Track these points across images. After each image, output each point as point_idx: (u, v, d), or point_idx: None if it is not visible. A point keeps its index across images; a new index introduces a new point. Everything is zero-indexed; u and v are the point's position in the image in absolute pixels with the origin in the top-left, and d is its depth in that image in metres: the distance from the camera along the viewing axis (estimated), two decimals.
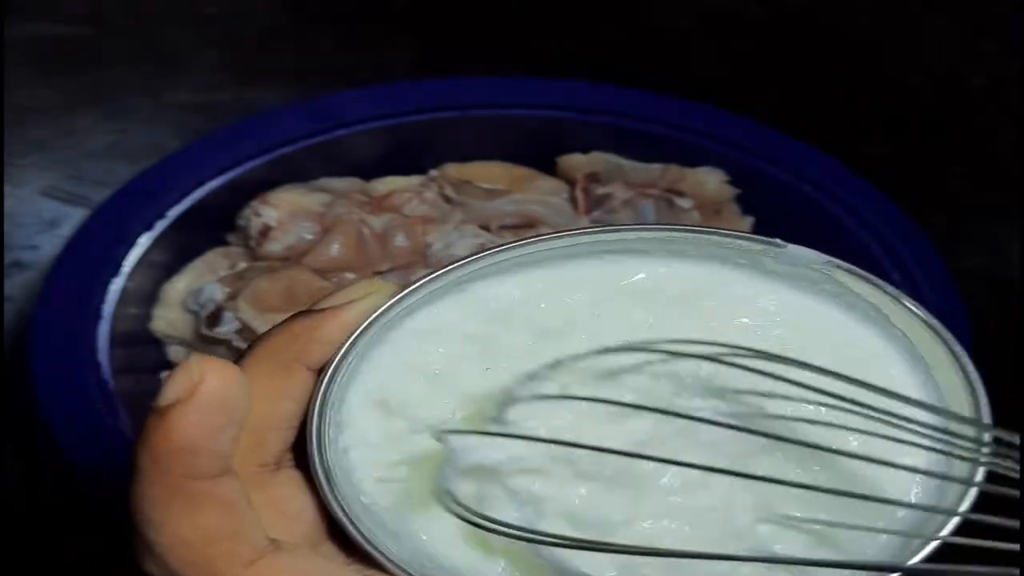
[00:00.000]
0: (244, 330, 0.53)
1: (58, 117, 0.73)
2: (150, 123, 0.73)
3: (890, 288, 0.30)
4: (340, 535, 0.26)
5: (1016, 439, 0.25)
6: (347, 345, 0.28)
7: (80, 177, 0.69)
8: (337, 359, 0.28)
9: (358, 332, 0.28)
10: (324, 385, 0.28)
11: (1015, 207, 0.68)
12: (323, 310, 0.29)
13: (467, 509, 0.26)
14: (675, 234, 0.31)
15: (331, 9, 0.85)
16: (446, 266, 0.30)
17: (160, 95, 0.75)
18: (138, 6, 0.83)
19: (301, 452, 0.27)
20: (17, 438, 0.53)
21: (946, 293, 0.56)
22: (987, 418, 0.27)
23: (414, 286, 0.29)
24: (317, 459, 0.27)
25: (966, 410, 0.28)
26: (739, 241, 0.31)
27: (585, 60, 0.80)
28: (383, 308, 0.29)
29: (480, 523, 0.25)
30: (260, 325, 0.52)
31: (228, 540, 0.24)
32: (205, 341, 0.54)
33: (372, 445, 0.28)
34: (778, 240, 0.31)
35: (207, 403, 0.25)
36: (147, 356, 0.55)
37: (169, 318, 0.56)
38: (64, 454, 0.46)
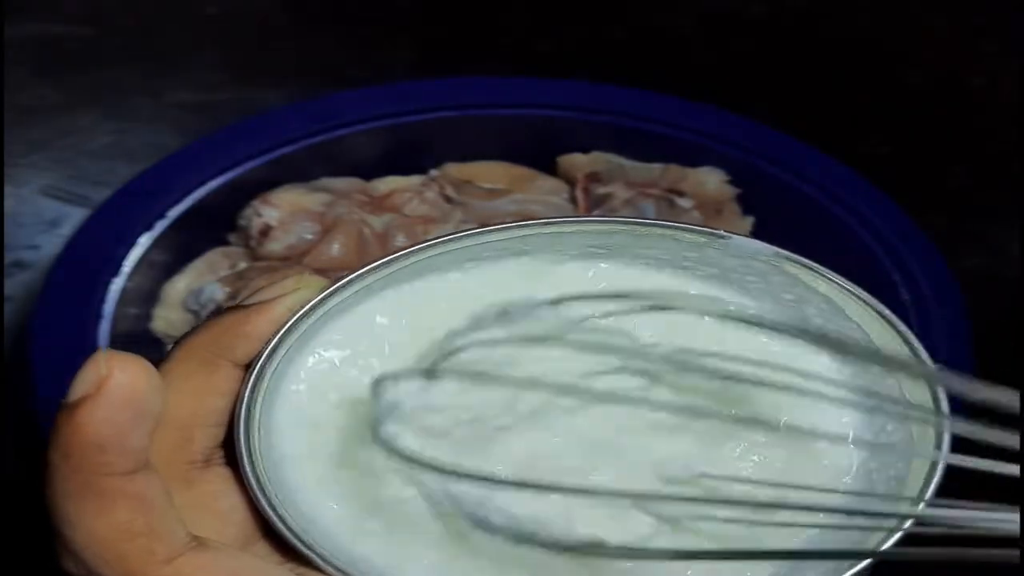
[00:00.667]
0: None
1: (58, 117, 0.73)
2: (150, 123, 0.73)
3: (841, 279, 0.30)
4: (274, 534, 0.26)
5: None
6: (274, 341, 0.28)
7: (80, 177, 0.69)
8: (264, 355, 0.28)
9: (286, 328, 0.28)
10: (251, 381, 0.27)
11: (1015, 207, 0.68)
12: (251, 305, 0.28)
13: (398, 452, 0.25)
14: (614, 227, 0.31)
15: (331, 9, 0.85)
16: (376, 261, 0.30)
17: (160, 95, 0.75)
18: (138, 6, 0.83)
19: (231, 448, 0.27)
20: (17, 438, 0.53)
21: (946, 293, 0.56)
22: (944, 407, 0.27)
23: (343, 281, 0.30)
24: (245, 457, 0.26)
25: (925, 399, 0.28)
26: (683, 233, 0.31)
27: (585, 60, 0.80)
28: (313, 303, 0.29)
29: (416, 460, 0.25)
30: None
31: (143, 537, 0.24)
32: None
33: (301, 444, 0.28)
34: (722, 231, 0.31)
35: (115, 399, 0.24)
36: (147, 356, 0.54)
37: (169, 318, 0.56)
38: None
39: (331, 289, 0.29)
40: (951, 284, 0.56)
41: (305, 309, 0.29)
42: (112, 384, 0.24)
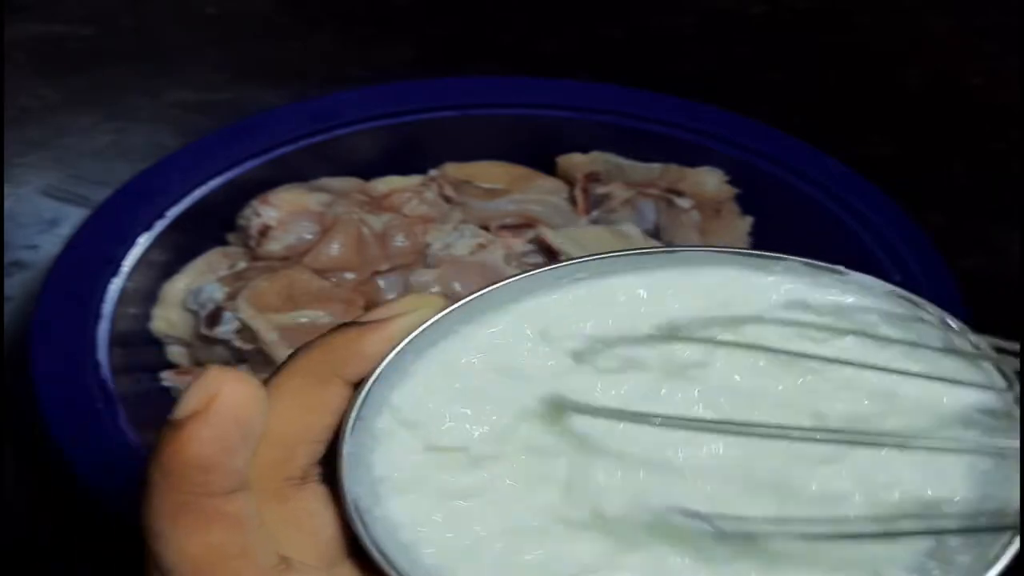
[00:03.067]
0: (244, 330, 0.53)
1: (58, 117, 0.73)
2: (150, 123, 0.73)
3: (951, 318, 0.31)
4: (361, 555, 0.26)
5: None
6: (387, 360, 0.27)
7: (80, 177, 0.69)
8: (375, 374, 0.27)
9: (401, 346, 0.28)
10: (360, 400, 0.27)
11: (1015, 207, 0.68)
12: (367, 323, 0.28)
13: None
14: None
15: (331, 9, 0.85)
16: (496, 282, 0.30)
17: (160, 95, 0.75)
18: (138, 6, 0.83)
19: (329, 466, 0.27)
20: (17, 438, 0.53)
21: (946, 293, 0.56)
22: None
23: (462, 302, 0.29)
24: (345, 476, 0.26)
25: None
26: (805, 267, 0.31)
27: (585, 60, 0.80)
28: (430, 322, 0.28)
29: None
30: (260, 325, 0.52)
31: (235, 559, 0.24)
32: (205, 341, 0.54)
33: (403, 466, 0.28)
34: (840, 268, 0.31)
35: (222, 418, 0.24)
36: (147, 356, 0.55)
37: (169, 318, 0.56)
38: (64, 454, 0.46)
39: (449, 309, 0.29)
40: (951, 284, 0.56)
41: (421, 329, 0.28)
42: (220, 403, 0.24)
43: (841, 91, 0.80)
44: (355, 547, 0.26)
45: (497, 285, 0.30)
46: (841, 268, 0.31)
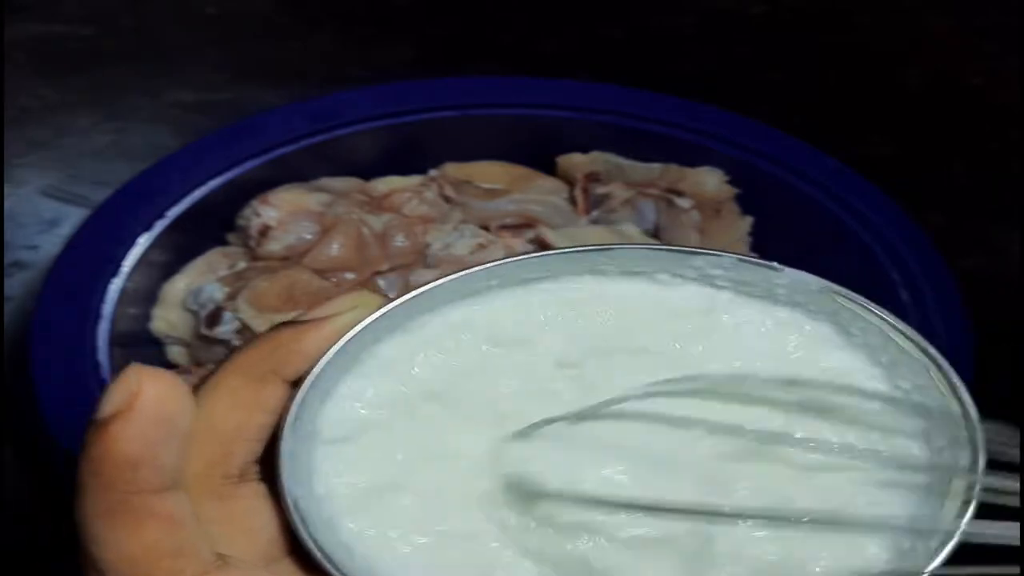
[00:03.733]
0: (244, 330, 0.53)
1: (58, 117, 0.73)
2: (150, 123, 0.73)
3: (889, 316, 0.29)
4: (300, 552, 0.26)
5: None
6: (325, 359, 0.27)
7: (80, 177, 0.69)
8: (314, 373, 0.27)
9: (339, 346, 0.28)
10: (298, 399, 0.27)
11: (1015, 207, 0.68)
12: (305, 321, 0.28)
13: None
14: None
15: (331, 9, 0.85)
16: (429, 282, 0.30)
17: (160, 95, 0.75)
18: (138, 6, 0.83)
19: (268, 464, 0.27)
20: (17, 438, 0.53)
21: (946, 293, 0.56)
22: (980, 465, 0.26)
23: (400, 300, 0.29)
24: (284, 474, 0.26)
25: (964, 445, 0.27)
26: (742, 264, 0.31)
27: (585, 60, 0.80)
28: (368, 321, 0.28)
29: None
30: (260, 325, 0.52)
31: (171, 557, 0.24)
32: (205, 341, 0.54)
33: (344, 463, 0.28)
34: (775, 264, 0.30)
35: (146, 415, 0.24)
36: (147, 356, 0.55)
37: (169, 318, 0.56)
38: (64, 454, 0.46)
39: (387, 308, 0.29)
40: (951, 284, 0.56)
41: (360, 327, 0.28)
42: (143, 400, 0.24)
43: (841, 91, 0.80)
44: (295, 545, 0.26)
45: (432, 285, 0.30)
46: (775, 264, 0.30)
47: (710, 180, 0.63)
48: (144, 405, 0.24)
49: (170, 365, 0.55)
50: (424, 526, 0.27)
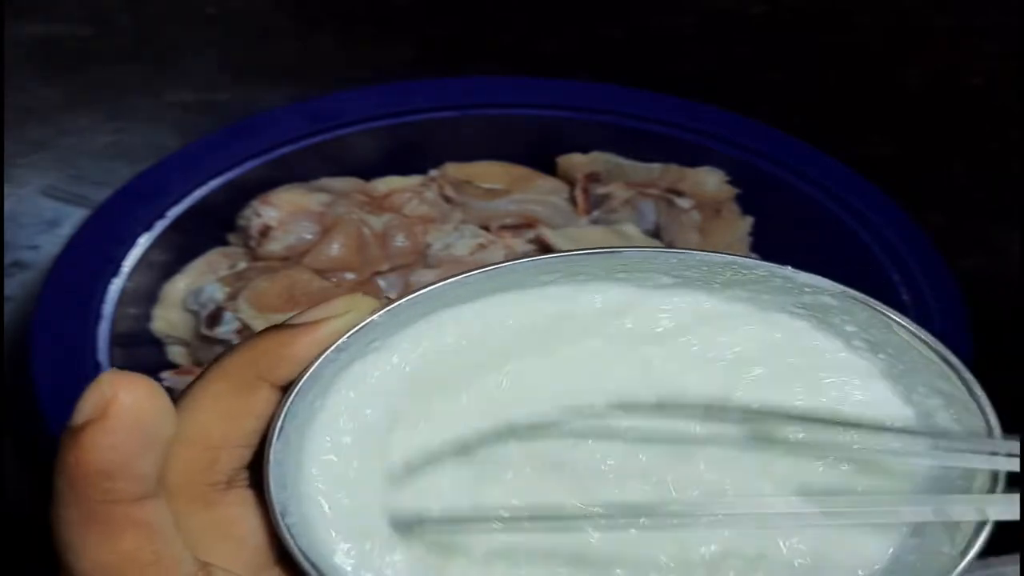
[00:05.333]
0: (244, 330, 0.53)
1: (58, 117, 0.73)
2: (150, 123, 0.73)
3: (910, 323, 0.29)
4: (288, 561, 0.25)
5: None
6: (316, 364, 0.27)
7: (80, 177, 0.69)
8: (304, 378, 0.26)
9: (330, 351, 0.27)
10: (287, 405, 0.26)
11: (1015, 207, 0.68)
12: (297, 325, 0.27)
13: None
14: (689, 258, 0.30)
15: (331, 9, 0.85)
16: (425, 286, 0.29)
17: (160, 95, 0.75)
18: (138, 6, 0.83)
19: (257, 470, 0.26)
20: (17, 438, 0.53)
21: (946, 293, 0.56)
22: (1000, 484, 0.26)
23: (394, 305, 0.28)
24: (272, 482, 0.25)
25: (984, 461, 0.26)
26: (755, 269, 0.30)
27: (585, 60, 0.80)
28: (360, 326, 0.27)
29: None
30: (260, 325, 0.52)
31: (149, 566, 0.23)
32: (205, 341, 0.54)
33: (334, 475, 0.27)
34: (789, 268, 0.29)
35: (121, 423, 0.23)
36: (147, 356, 0.55)
37: (169, 318, 0.56)
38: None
39: (381, 312, 0.28)
40: (951, 284, 0.56)
41: (352, 332, 0.27)
42: (118, 407, 0.23)
43: (841, 91, 0.80)
44: (283, 553, 0.25)
45: (428, 288, 0.29)
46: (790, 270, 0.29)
47: (710, 180, 0.63)
48: (119, 413, 0.23)
49: (170, 365, 0.55)
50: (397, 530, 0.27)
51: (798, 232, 0.60)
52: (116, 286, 0.54)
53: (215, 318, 0.53)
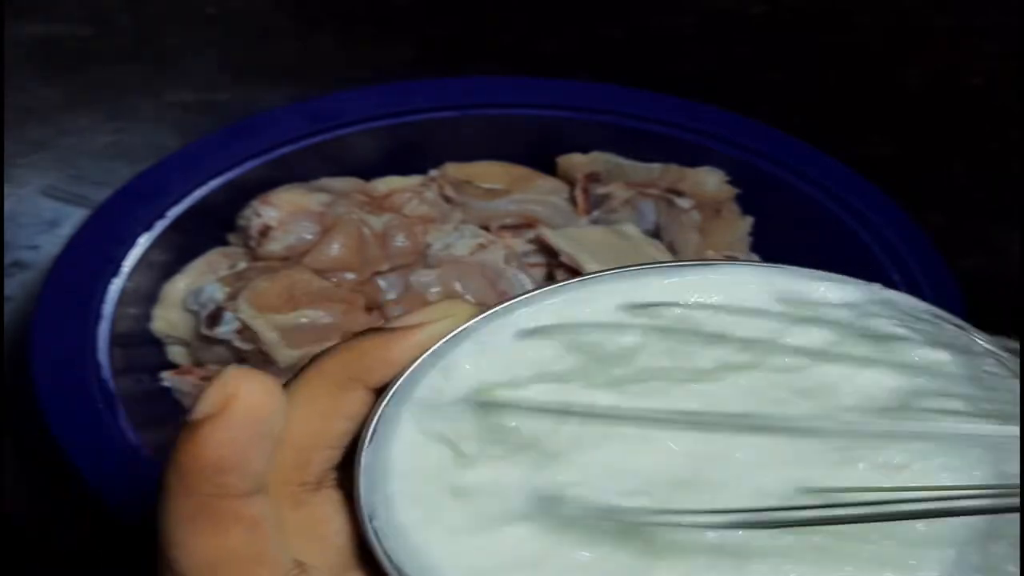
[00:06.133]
0: (244, 330, 0.53)
1: (58, 117, 0.73)
2: (150, 123, 0.73)
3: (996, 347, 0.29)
4: (373, 564, 0.25)
5: None
6: (413, 367, 0.27)
7: (80, 177, 0.69)
8: (399, 381, 0.26)
9: (427, 355, 0.27)
10: (381, 408, 0.26)
11: (1015, 207, 0.68)
12: (395, 328, 0.27)
13: None
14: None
15: (331, 9, 0.85)
16: (529, 292, 0.29)
17: (160, 95, 0.75)
18: (138, 6, 0.83)
19: (346, 471, 0.26)
20: (17, 438, 0.53)
21: (946, 293, 0.56)
22: None
23: (493, 310, 0.28)
24: (361, 486, 0.25)
25: None
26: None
27: (585, 60, 0.80)
28: (459, 330, 0.27)
29: None
30: (260, 325, 0.52)
31: (252, 563, 0.23)
32: (205, 341, 0.54)
33: (421, 476, 0.27)
34: (879, 285, 0.30)
35: (240, 419, 0.23)
36: (147, 356, 0.55)
37: (169, 318, 0.56)
38: (64, 454, 0.46)
39: (480, 317, 0.28)
40: (951, 284, 0.56)
41: (450, 337, 0.27)
42: (238, 404, 0.23)
43: (841, 91, 0.80)
44: (368, 556, 0.25)
45: (529, 295, 0.29)
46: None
47: (710, 180, 0.63)
48: (239, 409, 0.23)
49: (171, 365, 0.55)
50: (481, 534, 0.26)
51: (798, 232, 0.60)
52: (116, 286, 0.54)
53: (215, 318, 0.53)
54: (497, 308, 0.28)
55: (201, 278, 0.56)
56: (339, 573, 0.26)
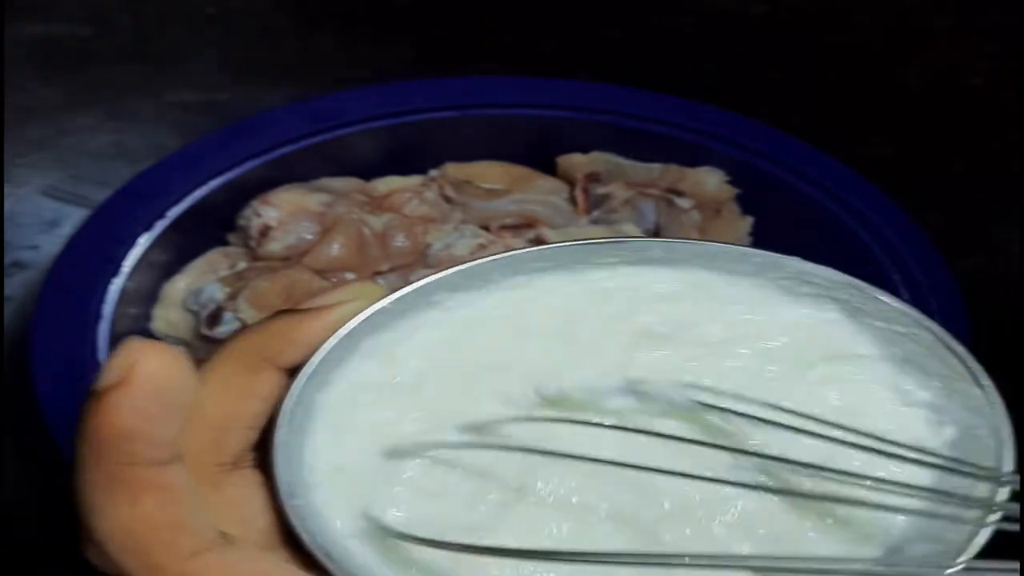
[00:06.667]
0: None
1: (58, 117, 0.73)
2: (150, 123, 0.73)
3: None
4: (295, 544, 0.25)
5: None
6: (325, 348, 0.27)
7: (80, 177, 0.69)
8: (313, 362, 0.27)
9: (338, 337, 0.27)
10: (295, 388, 0.27)
11: (1015, 207, 0.68)
12: (306, 310, 0.28)
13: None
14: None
15: (331, 9, 0.85)
16: (432, 273, 0.30)
17: (160, 95, 0.75)
18: (138, 6, 0.83)
19: (264, 452, 0.26)
20: (17, 438, 0.53)
21: (946, 293, 0.56)
22: (1009, 466, 0.26)
23: (401, 292, 0.29)
24: (280, 464, 0.26)
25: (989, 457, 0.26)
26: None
27: (585, 60, 0.80)
28: (369, 312, 0.28)
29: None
30: None
31: (169, 530, 0.23)
32: (205, 341, 0.54)
33: (338, 459, 0.27)
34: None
35: (143, 387, 0.24)
36: None
37: (169, 318, 0.56)
38: (65, 454, 0.46)
39: (389, 300, 0.28)
40: (951, 284, 0.56)
41: (360, 318, 0.28)
42: (141, 372, 0.24)
43: (841, 91, 0.80)
44: (290, 535, 0.26)
45: (431, 278, 0.30)
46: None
47: (710, 180, 0.63)
48: (141, 377, 0.24)
49: None
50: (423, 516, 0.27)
51: (798, 232, 0.60)
52: (116, 286, 0.54)
53: (215, 318, 0.53)
54: (407, 290, 0.29)
55: (201, 278, 0.56)
56: (262, 551, 0.26)
